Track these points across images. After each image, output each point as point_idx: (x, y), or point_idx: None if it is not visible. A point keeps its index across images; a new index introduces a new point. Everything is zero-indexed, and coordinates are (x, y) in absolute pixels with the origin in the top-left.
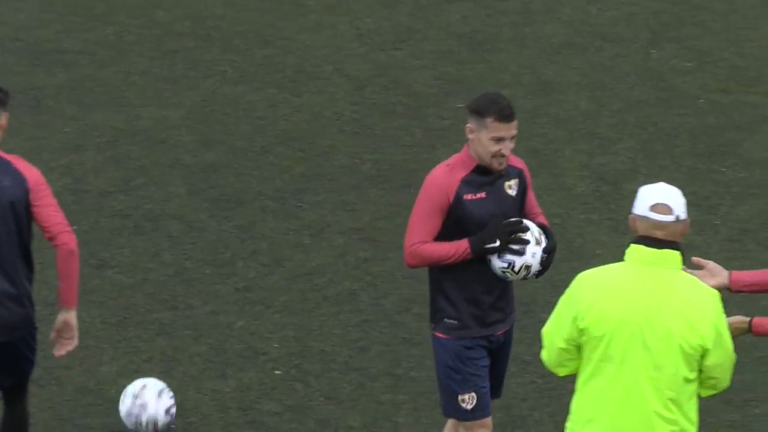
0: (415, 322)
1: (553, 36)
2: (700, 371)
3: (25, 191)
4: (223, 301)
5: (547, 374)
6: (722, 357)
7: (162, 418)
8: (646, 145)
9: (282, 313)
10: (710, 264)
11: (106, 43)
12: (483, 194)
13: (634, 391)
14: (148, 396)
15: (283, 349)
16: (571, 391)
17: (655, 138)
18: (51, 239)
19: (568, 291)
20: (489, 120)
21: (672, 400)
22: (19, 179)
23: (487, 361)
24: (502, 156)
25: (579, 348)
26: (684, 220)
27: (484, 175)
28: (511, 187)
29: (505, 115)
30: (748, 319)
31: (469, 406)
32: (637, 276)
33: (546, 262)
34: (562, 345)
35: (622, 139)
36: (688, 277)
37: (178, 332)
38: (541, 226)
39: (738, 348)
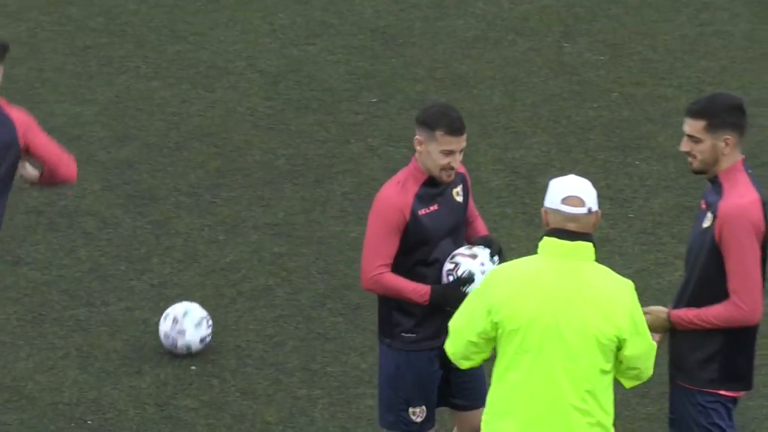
0: (330, 317)
1: (467, 30)
2: (621, 362)
3: (14, 134)
4: (138, 297)
5: None
6: (641, 346)
7: (196, 346)
8: (560, 138)
9: None
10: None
11: (19, 40)
12: (436, 206)
13: (550, 383)
14: (188, 323)
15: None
16: (487, 384)
17: (569, 131)
18: (51, 171)
19: (482, 285)
20: (438, 133)
21: (588, 391)
22: (8, 123)
23: (440, 371)
24: (451, 169)
25: (488, 342)
26: (596, 211)
27: (435, 187)
28: (459, 194)
29: (455, 128)
30: (666, 310)
31: (419, 419)
32: (551, 268)
33: None
34: (473, 338)
35: (535, 132)
36: (602, 268)
37: (94, 328)
38: (485, 240)
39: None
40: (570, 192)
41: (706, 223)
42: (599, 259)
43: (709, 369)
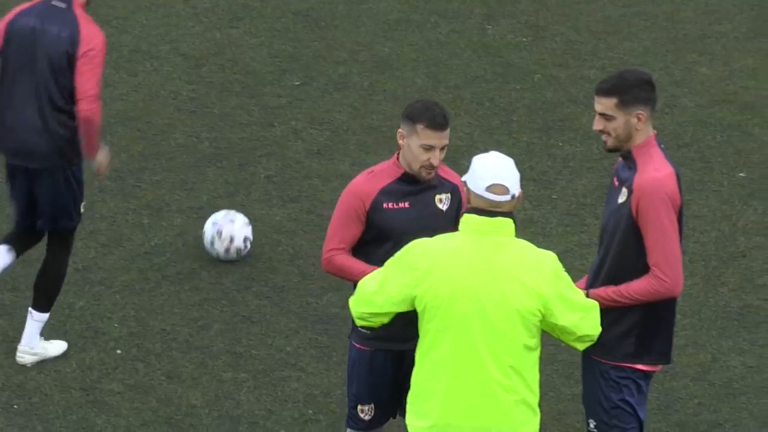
0: (255, 300)
1: (389, 12)
2: (567, 333)
3: (74, 46)
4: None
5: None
6: (576, 313)
7: (238, 241)
8: (483, 120)
9: (122, 293)
10: None
11: None
12: (407, 204)
13: (473, 360)
14: (238, 219)
15: (123, 328)
16: None
17: (492, 113)
18: (75, 102)
19: (400, 256)
20: (420, 127)
21: (512, 368)
22: (75, 35)
23: (395, 373)
24: (432, 167)
25: (390, 314)
26: (519, 195)
27: (411, 184)
28: (442, 201)
29: (437, 123)
30: (584, 292)
31: (367, 417)
32: (471, 244)
33: None
34: (377, 309)
35: (459, 114)
36: (523, 242)
37: (19, 313)
38: None
39: None
40: (494, 180)
41: (621, 199)
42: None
43: (626, 343)
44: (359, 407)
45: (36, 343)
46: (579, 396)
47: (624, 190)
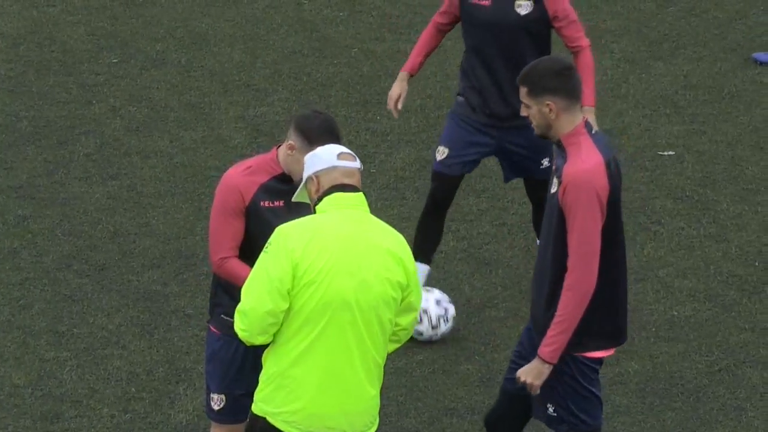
0: (76, 279)
1: None
2: (396, 330)
3: None
4: None
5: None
6: (416, 299)
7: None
8: (301, 95)
9: None
10: None
11: None
12: (281, 202)
13: (354, 337)
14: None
15: None
16: None
17: (310, 88)
18: None
19: (271, 247)
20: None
21: (380, 342)
22: None
23: (252, 367)
24: None
25: (283, 312)
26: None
27: (285, 183)
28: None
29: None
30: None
31: (217, 407)
32: (340, 219)
33: None
34: (275, 311)
35: (276, 90)
36: (381, 221)
37: None
38: None
39: None
40: (341, 149)
41: (553, 189)
42: None
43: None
44: (212, 395)
45: None
46: (402, 369)
47: (555, 180)
